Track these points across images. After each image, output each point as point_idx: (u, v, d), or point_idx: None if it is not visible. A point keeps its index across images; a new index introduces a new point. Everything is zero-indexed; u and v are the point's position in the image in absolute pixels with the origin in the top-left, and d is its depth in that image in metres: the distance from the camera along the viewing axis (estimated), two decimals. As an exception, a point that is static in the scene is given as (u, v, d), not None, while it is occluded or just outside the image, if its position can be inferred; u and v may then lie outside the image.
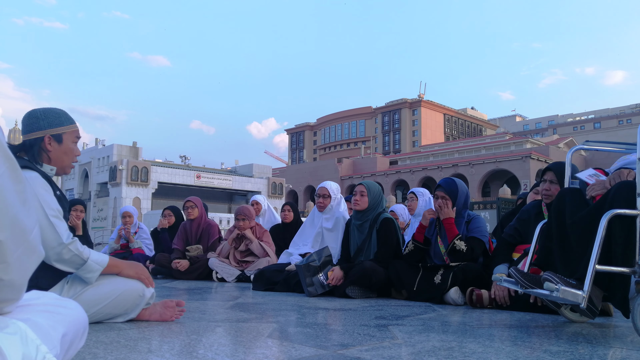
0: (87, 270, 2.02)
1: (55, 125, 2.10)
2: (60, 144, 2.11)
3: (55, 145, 2.10)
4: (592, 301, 2.03)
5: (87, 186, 34.59)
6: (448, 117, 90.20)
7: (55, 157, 2.10)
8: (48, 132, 2.08)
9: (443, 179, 3.59)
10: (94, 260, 2.03)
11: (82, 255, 1.98)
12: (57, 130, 2.10)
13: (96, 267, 2.03)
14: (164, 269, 5.53)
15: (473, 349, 1.72)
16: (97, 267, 2.04)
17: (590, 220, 2.01)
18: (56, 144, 2.10)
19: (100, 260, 2.06)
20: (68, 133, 2.13)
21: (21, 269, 0.84)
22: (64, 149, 2.12)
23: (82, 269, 2.01)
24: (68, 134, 2.13)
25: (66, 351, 1.05)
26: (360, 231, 3.85)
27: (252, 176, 37.74)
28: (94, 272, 2.04)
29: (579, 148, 2.59)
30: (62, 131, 2.11)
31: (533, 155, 48.32)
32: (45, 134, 2.07)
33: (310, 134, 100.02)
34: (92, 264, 2.02)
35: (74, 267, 1.99)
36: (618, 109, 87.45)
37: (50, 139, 2.08)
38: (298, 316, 2.54)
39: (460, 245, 3.31)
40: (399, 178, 57.83)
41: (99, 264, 2.05)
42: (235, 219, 5.28)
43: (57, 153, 2.11)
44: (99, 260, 2.05)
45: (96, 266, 2.03)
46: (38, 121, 2.08)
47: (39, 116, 2.09)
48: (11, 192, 0.78)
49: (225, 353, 1.59)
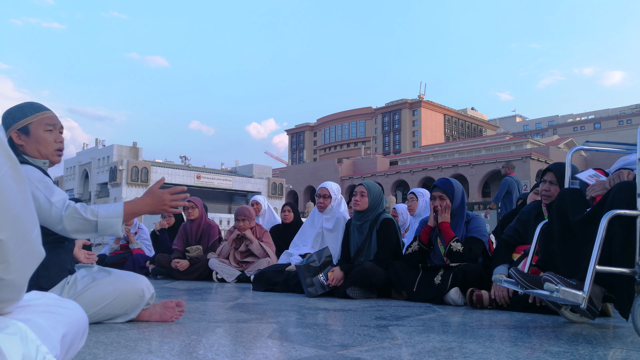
0: (103, 227, 1.94)
1: (19, 119, 2.04)
2: (28, 136, 2.05)
3: (24, 137, 2.04)
4: (592, 302, 2.03)
5: (87, 186, 34.61)
6: (448, 118, 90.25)
7: (29, 149, 2.05)
8: (14, 128, 2.04)
9: (439, 180, 3.60)
10: (106, 216, 1.94)
11: (87, 217, 1.90)
12: (22, 123, 2.04)
13: (112, 221, 1.95)
14: (164, 270, 5.54)
15: (473, 349, 1.72)
16: (114, 221, 1.95)
17: (591, 221, 2.01)
18: (25, 137, 2.04)
19: (114, 211, 1.96)
20: (35, 122, 2.06)
21: (22, 268, 0.84)
22: (34, 139, 2.05)
23: (100, 229, 1.93)
24: (35, 124, 2.06)
25: (66, 351, 1.05)
26: (360, 232, 3.85)
27: (252, 176, 37.76)
28: (115, 227, 1.96)
29: (579, 148, 2.59)
30: (27, 122, 2.05)
31: (533, 155, 48.35)
32: (13, 130, 2.04)
33: (310, 134, 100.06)
34: (105, 220, 1.93)
35: (90, 231, 1.93)
36: (618, 109, 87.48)
37: (17, 133, 2.04)
38: (298, 317, 2.54)
39: (457, 246, 3.32)
40: (399, 178, 57.86)
41: (114, 215, 1.96)
42: (235, 219, 5.28)
43: (29, 145, 2.05)
44: (112, 211, 1.96)
45: (111, 220, 1.94)
46: (5, 121, 2.05)
47: (5, 116, 2.06)
48: (13, 192, 0.78)
49: (225, 353, 1.59)
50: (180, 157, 40.53)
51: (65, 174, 36.46)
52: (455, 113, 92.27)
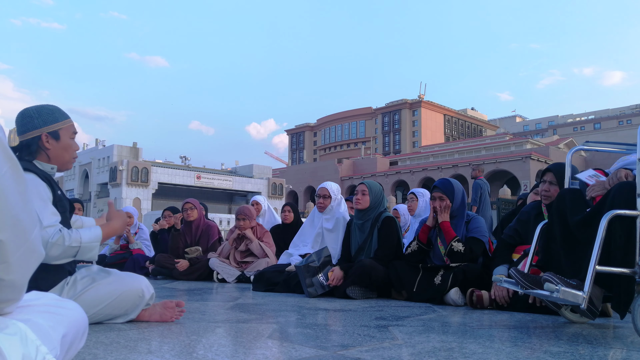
0: (84, 252, 1.97)
1: (51, 122, 2.06)
2: (58, 141, 2.07)
3: (53, 142, 2.06)
4: (593, 302, 2.03)
5: (87, 187, 34.58)
6: (448, 118, 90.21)
7: (54, 154, 2.08)
8: (44, 130, 2.04)
9: (439, 180, 3.61)
10: (88, 241, 1.98)
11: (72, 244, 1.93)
12: (53, 127, 2.06)
13: (92, 245, 1.99)
14: (164, 270, 5.54)
15: (473, 349, 1.72)
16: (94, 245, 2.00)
17: (591, 221, 2.01)
18: (54, 141, 2.06)
19: (94, 237, 2.01)
20: (64, 129, 2.09)
21: (22, 269, 0.84)
22: (62, 145, 2.09)
23: (79, 255, 1.97)
24: (64, 130, 2.09)
25: (66, 352, 1.05)
26: (361, 230, 3.86)
27: (252, 177, 37.73)
28: (94, 250, 2.01)
29: (579, 149, 2.60)
30: (58, 127, 2.07)
31: (533, 155, 48.31)
32: (42, 132, 2.04)
33: (310, 134, 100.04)
34: (87, 245, 1.98)
35: (70, 256, 1.95)
36: (618, 109, 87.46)
37: (47, 136, 2.05)
38: (298, 317, 2.54)
39: (458, 246, 3.32)
40: (399, 179, 57.83)
41: (95, 240, 2.01)
42: (236, 218, 5.29)
43: (56, 150, 2.08)
44: (92, 238, 2.00)
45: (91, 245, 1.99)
46: (32, 120, 2.04)
47: (33, 115, 2.05)
48: (13, 192, 0.78)
49: (225, 354, 1.59)
50: (180, 157, 40.53)
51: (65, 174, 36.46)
52: (455, 113, 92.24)
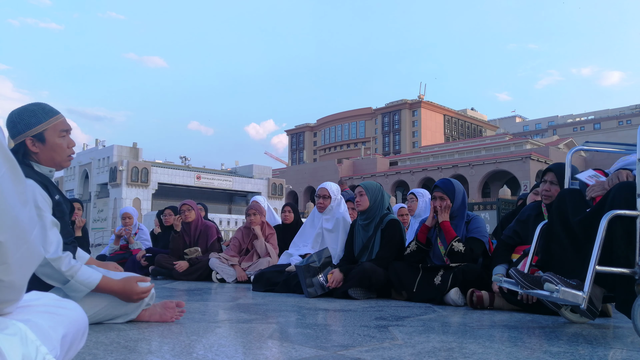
0: (70, 289, 1.88)
1: (34, 125, 1.94)
2: (44, 143, 1.96)
3: (40, 145, 1.95)
4: (592, 302, 2.03)
5: (87, 187, 34.58)
6: (448, 118, 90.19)
7: (43, 157, 1.97)
8: (29, 134, 1.93)
9: (440, 180, 3.60)
10: (79, 281, 1.88)
11: (63, 273, 1.84)
12: (37, 130, 1.94)
13: (81, 288, 1.90)
14: (164, 270, 5.54)
15: (473, 349, 1.72)
16: (82, 289, 1.90)
17: (591, 221, 2.01)
18: (40, 144, 1.95)
19: (88, 281, 1.91)
20: (50, 129, 1.97)
21: (21, 270, 0.84)
22: (50, 147, 1.97)
23: (66, 286, 1.88)
24: (50, 130, 1.97)
25: (66, 352, 1.05)
26: (365, 230, 3.87)
27: (252, 177, 37.74)
28: (78, 293, 1.89)
29: (578, 149, 2.60)
30: (42, 129, 1.95)
31: (533, 156, 48.31)
32: (26, 137, 1.93)
33: (310, 134, 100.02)
34: (76, 284, 1.88)
35: (59, 282, 1.88)
36: (618, 109, 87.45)
37: (32, 140, 1.94)
38: (298, 317, 2.54)
39: (458, 246, 3.31)
40: (399, 179, 57.84)
41: (86, 285, 1.90)
42: (246, 214, 5.37)
43: (44, 153, 1.97)
44: (86, 281, 1.90)
45: (80, 287, 1.89)
46: (16, 126, 1.94)
47: (15, 120, 1.94)
48: (12, 193, 0.78)
49: (225, 354, 1.59)
50: (180, 157, 40.54)
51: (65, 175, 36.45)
52: (455, 113, 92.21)
